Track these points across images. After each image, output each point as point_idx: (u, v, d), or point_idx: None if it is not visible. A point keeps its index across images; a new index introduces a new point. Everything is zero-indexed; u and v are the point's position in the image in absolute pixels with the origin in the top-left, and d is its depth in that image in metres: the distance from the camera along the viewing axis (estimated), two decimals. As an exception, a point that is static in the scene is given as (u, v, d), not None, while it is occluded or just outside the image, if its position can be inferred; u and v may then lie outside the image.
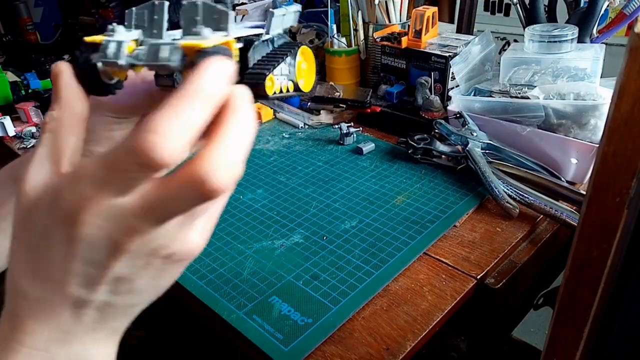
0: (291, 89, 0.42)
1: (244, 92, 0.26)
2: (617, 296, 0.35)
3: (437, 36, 0.89)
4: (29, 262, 0.27)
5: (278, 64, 0.37)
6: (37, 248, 0.26)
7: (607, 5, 0.76)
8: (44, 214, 0.25)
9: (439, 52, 0.82)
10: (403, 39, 0.86)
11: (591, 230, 0.33)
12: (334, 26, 0.97)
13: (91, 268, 0.26)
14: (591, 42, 0.77)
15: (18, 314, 0.27)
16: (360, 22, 0.95)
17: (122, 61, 0.30)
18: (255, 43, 0.36)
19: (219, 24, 0.31)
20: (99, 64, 0.31)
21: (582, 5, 0.79)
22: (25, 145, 0.88)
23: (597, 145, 0.60)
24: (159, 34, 0.31)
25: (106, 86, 0.32)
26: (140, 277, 0.27)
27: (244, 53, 0.34)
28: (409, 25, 0.88)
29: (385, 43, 0.89)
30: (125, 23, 0.32)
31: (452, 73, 0.81)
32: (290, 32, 1.09)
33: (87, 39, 0.32)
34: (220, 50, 0.29)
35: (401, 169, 0.73)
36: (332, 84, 0.96)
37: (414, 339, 0.45)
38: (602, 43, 0.76)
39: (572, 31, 0.70)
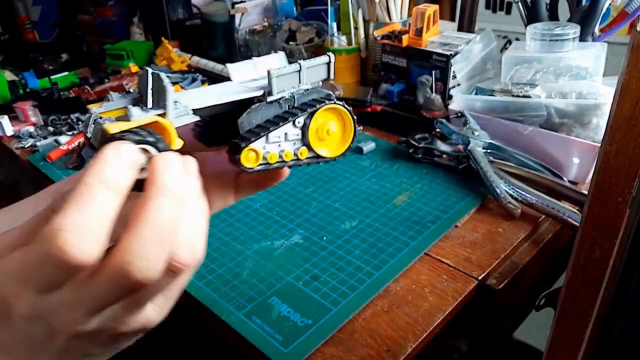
0: (304, 155, 0.38)
1: (170, 163, 0.24)
2: (619, 297, 0.34)
3: (438, 34, 0.88)
4: None
5: (268, 132, 0.34)
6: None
7: (609, 4, 0.75)
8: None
9: (440, 51, 0.82)
10: (404, 37, 0.86)
11: (593, 231, 0.33)
12: (334, 24, 0.97)
13: (37, 350, 0.24)
14: (593, 40, 0.77)
15: None
16: (360, 20, 0.94)
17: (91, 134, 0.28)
18: (253, 106, 0.34)
19: (160, 98, 0.29)
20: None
21: (584, 3, 0.79)
22: (22, 145, 0.88)
23: (599, 145, 0.59)
24: (145, 102, 0.29)
25: None
26: (92, 348, 0.25)
27: (233, 119, 0.32)
28: (409, 24, 0.87)
29: (385, 41, 0.89)
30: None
31: (454, 72, 0.81)
32: (290, 31, 1.09)
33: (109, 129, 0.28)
34: (128, 136, 0.26)
35: (402, 168, 0.73)
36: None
37: (414, 340, 0.45)
38: (604, 42, 0.75)
39: (574, 30, 0.70)
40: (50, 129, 0.91)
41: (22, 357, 0.24)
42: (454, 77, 0.82)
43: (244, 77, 0.38)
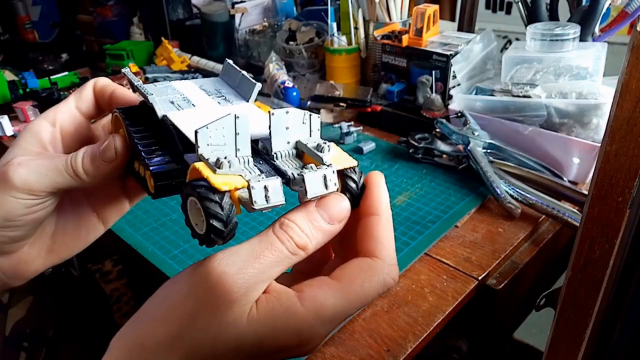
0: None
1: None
2: (620, 297, 0.34)
3: (438, 34, 0.88)
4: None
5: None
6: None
7: (609, 4, 0.75)
8: (260, 334, 0.26)
9: (440, 51, 0.82)
10: (404, 37, 0.86)
11: (593, 231, 0.33)
12: (334, 24, 0.97)
13: None
14: (593, 40, 0.77)
15: None
16: (360, 20, 0.94)
17: (281, 202, 0.28)
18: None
19: (310, 130, 0.31)
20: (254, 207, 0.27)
21: (584, 3, 0.79)
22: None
23: (600, 145, 0.59)
24: (246, 149, 0.29)
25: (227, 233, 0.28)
26: None
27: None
28: (409, 24, 0.87)
29: (385, 41, 0.89)
30: (200, 144, 0.27)
31: (454, 72, 0.81)
32: (290, 31, 1.09)
33: (218, 184, 0.26)
34: (356, 165, 0.30)
35: (402, 168, 0.73)
36: (332, 82, 0.95)
37: (414, 340, 0.45)
38: (604, 42, 0.75)
39: (574, 30, 0.70)
40: (50, 129, 0.91)
41: None
42: (454, 77, 0.82)
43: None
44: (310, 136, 0.31)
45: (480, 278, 0.51)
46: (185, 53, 1.20)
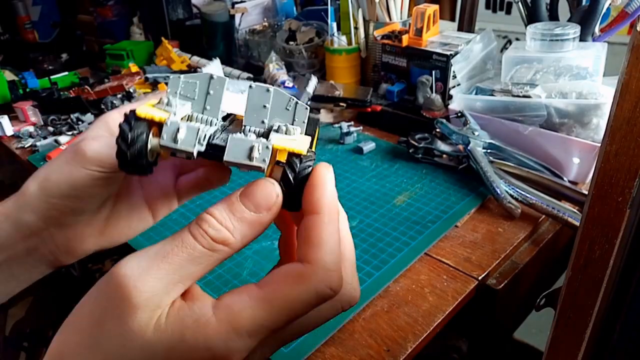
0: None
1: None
2: (620, 297, 0.34)
3: (438, 34, 0.88)
4: None
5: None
6: None
7: (609, 4, 0.75)
8: (166, 347, 0.22)
9: (440, 51, 0.82)
10: (404, 37, 0.86)
11: (593, 230, 0.33)
12: (334, 24, 0.97)
13: None
14: (593, 40, 0.77)
15: None
16: (360, 20, 0.94)
17: (195, 152, 0.26)
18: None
19: (293, 118, 0.28)
20: (152, 143, 0.26)
21: (584, 3, 0.79)
22: (22, 145, 0.88)
23: (600, 145, 0.59)
24: (214, 112, 0.28)
25: (147, 165, 0.27)
26: None
27: None
28: (409, 24, 0.87)
29: (385, 41, 0.89)
30: (169, 90, 0.28)
31: (454, 72, 0.80)
32: (290, 31, 1.09)
33: (140, 112, 0.26)
34: (311, 157, 0.27)
35: (402, 168, 0.73)
36: (332, 82, 0.95)
37: (414, 340, 0.45)
38: (604, 42, 0.75)
39: (574, 30, 0.70)
40: (50, 129, 0.91)
41: None
42: (454, 77, 0.82)
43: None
44: (292, 124, 0.28)
45: (480, 278, 0.51)
46: (185, 53, 1.20)
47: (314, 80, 0.41)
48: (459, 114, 0.72)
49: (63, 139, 0.87)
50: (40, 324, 1.11)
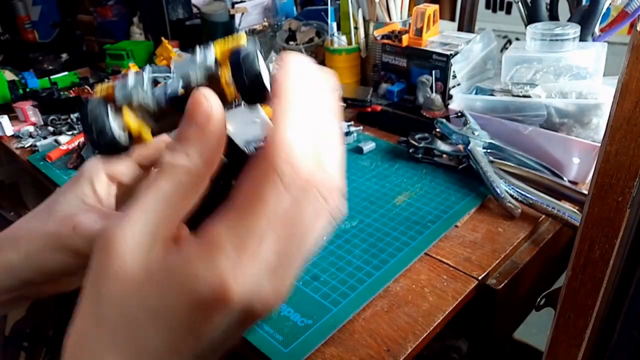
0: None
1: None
2: (619, 296, 0.34)
3: (438, 34, 0.88)
4: (122, 345, 0.22)
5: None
6: (141, 329, 0.22)
7: (609, 4, 0.75)
8: (161, 290, 0.21)
9: (440, 51, 0.82)
10: (404, 37, 0.86)
11: (593, 230, 0.33)
12: (334, 24, 0.97)
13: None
14: (593, 40, 0.77)
15: None
16: (360, 20, 0.94)
17: (149, 96, 0.26)
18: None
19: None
20: (114, 112, 0.25)
21: (584, 3, 0.79)
22: (22, 145, 0.88)
23: (600, 145, 0.59)
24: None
25: (121, 143, 0.26)
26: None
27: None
28: (409, 23, 0.87)
29: (385, 41, 0.89)
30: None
31: (454, 71, 0.81)
32: (290, 31, 1.09)
33: (96, 94, 0.26)
34: (253, 47, 0.25)
35: (402, 168, 0.73)
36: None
37: (414, 340, 0.45)
38: (604, 41, 0.75)
39: (574, 30, 0.70)
40: (50, 128, 0.91)
41: None
42: (454, 76, 0.82)
43: None
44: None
45: (480, 278, 0.51)
46: (185, 53, 1.20)
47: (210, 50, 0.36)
48: (459, 114, 0.72)
49: (63, 138, 0.87)
50: (40, 324, 1.11)
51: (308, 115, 0.22)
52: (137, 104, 0.25)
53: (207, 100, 0.23)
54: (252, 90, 0.24)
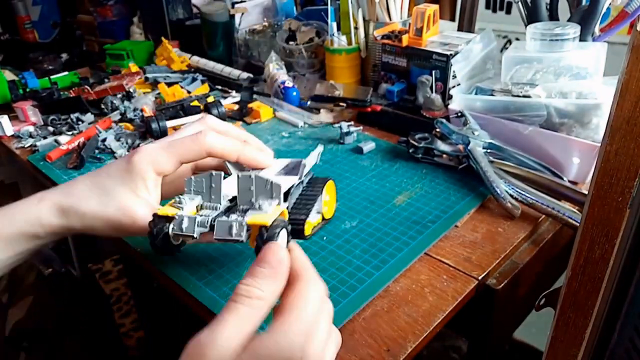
0: (319, 221, 0.53)
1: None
2: (619, 296, 0.34)
3: (438, 34, 0.88)
4: None
5: (311, 208, 0.46)
6: None
7: (609, 4, 0.75)
8: None
9: (440, 51, 0.82)
10: (404, 37, 0.86)
11: (593, 230, 0.33)
12: (334, 24, 0.97)
13: None
14: (593, 40, 0.77)
15: None
16: (360, 20, 0.94)
17: (196, 234, 0.39)
18: (292, 190, 0.46)
19: (272, 194, 0.39)
20: (171, 233, 0.40)
21: (584, 3, 0.79)
22: (22, 145, 0.88)
23: (600, 145, 0.59)
24: (217, 199, 0.41)
25: (174, 248, 0.42)
26: None
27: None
28: (409, 23, 0.87)
29: (385, 41, 0.89)
30: (185, 189, 0.42)
31: (454, 71, 0.81)
32: (290, 31, 1.09)
33: (160, 212, 0.40)
34: (279, 224, 0.38)
35: (402, 168, 0.73)
36: (332, 82, 0.95)
37: (414, 340, 0.45)
38: (604, 41, 0.75)
39: (574, 30, 0.70)
40: (50, 128, 0.91)
41: None
42: (454, 76, 0.82)
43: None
44: (272, 197, 0.39)
45: (480, 278, 0.51)
46: (185, 53, 1.20)
47: (317, 150, 0.55)
48: (459, 114, 0.72)
49: (63, 138, 0.87)
50: (40, 324, 1.11)
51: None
52: (186, 239, 0.43)
53: (280, 252, 0.35)
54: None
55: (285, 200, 0.43)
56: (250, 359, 0.31)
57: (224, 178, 0.41)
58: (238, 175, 0.40)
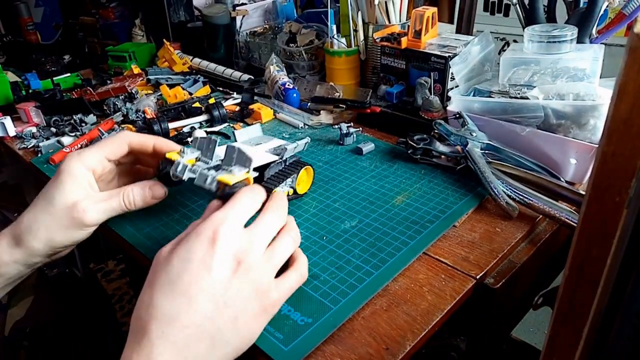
0: (291, 193, 0.64)
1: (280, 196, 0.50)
2: (617, 296, 0.35)
3: (436, 36, 0.89)
4: (166, 291, 0.39)
5: (282, 181, 0.59)
6: (176, 277, 0.39)
7: (607, 6, 0.76)
8: (184, 250, 0.40)
9: (438, 53, 0.82)
10: (403, 39, 0.86)
11: (590, 230, 0.33)
12: (334, 27, 0.98)
13: (218, 285, 0.39)
14: (590, 42, 0.77)
15: (149, 336, 0.37)
16: (360, 23, 0.95)
17: (185, 177, 0.54)
18: (271, 165, 0.60)
19: (245, 164, 0.52)
20: (171, 172, 0.54)
21: (581, 5, 0.79)
22: (25, 146, 0.88)
23: (597, 146, 0.60)
24: (210, 157, 0.54)
25: (172, 183, 0.56)
26: (241, 311, 0.41)
27: (262, 170, 0.58)
28: (408, 26, 0.88)
29: (384, 43, 0.89)
30: (191, 143, 0.57)
31: (452, 73, 0.81)
32: (291, 33, 1.10)
33: (167, 155, 0.55)
34: (238, 186, 0.49)
35: (401, 169, 0.73)
36: (332, 84, 0.96)
37: (413, 339, 0.45)
38: (602, 43, 0.76)
39: (572, 31, 0.70)
40: (53, 129, 0.92)
41: None
42: (453, 78, 0.82)
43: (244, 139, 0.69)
44: (244, 167, 0.52)
45: (478, 277, 0.52)
46: (186, 55, 1.21)
47: (305, 140, 0.67)
48: (457, 115, 0.72)
49: (66, 140, 0.87)
50: (40, 324, 1.12)
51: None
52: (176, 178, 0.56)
53: (281, 194, 0.50)
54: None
55: (262, 171, 0.58)
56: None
57: (219, 145, 0.55)
58: (227, 145, 0.53)
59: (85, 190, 0.52)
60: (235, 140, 0.69)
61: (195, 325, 0.38)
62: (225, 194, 0.48)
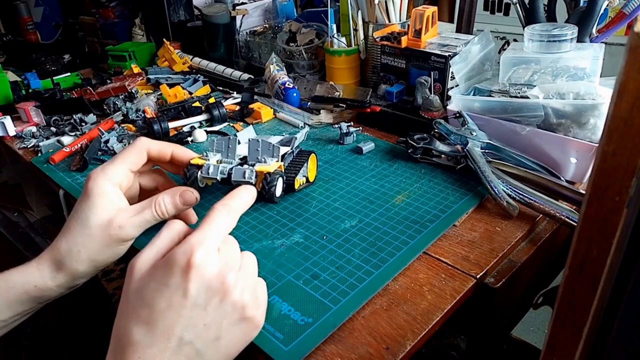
0: (304, 182, 0.67)
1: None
2: (617, 295, 0.35)
3: (436, 36, 0.89)
4: (142, 315, 0.38)
5: (299, 171, 0.64)
6: (151, 301, 0.38)
7: (607, 5, 0.76)
8: (160, 274, 0.38)
9: (438, 52, 0.82)
10: (403, 38, 0.86)
11: (591, 230, 0.33)
12: (334, 26, 0.98)
13: (196, 310, 0.38)
14: (591, 41, 0.77)
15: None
16: (360, 22, 0.95)
17: (219, 177, 0.57)
18: (285, 156, 0.64)
19: (273, 153, 0.58)
20: (199, 177, 0.57)
21: (581, 4, 0.79)
22: (25, 145, 0.88)
23: (597, 145, 0.60)
24: (232, 157, 0.59)
25: (200, 188, 0.57)
26: (224, 331, 0.40)
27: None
28: (408, 25, 0.88)
29: (385, 43, 0.89)
30: (210, 148, 0.60)
31: (452, 72, 0.81)
32: (291, 32, 1.10)
33: (193, 161, 0.58)
34: (278, 172, 0.57)
35: (401, 168, 0.73)
36: (332, 83, 0.96)
37: (413, 338, 0.45)
38: (602, 42, 0.76)
39: (572, 31, 0.70)
40: (53, 129, 0.92)
41: None
42: (453, 77, 0.82)
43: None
44: (272, 157, 0.59)
45: (478, 276, 0.52)
46: (186, 54, 1.21)
47: (304, 130, 0.74)
48: (457, 115, 0.72)
49: (65, 139, 0.87)
50: (40, 324, 1.12)
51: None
52: (211, 180, 0.59)
53: (249, 188, 0.49)
54: (267, 197, 0.58)
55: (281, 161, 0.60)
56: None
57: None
58: (249, 139, 0.58)
59: (117, 206, 0.52)
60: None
61: (171, 351, 0.37)
62: (268, 182, 0.55)
